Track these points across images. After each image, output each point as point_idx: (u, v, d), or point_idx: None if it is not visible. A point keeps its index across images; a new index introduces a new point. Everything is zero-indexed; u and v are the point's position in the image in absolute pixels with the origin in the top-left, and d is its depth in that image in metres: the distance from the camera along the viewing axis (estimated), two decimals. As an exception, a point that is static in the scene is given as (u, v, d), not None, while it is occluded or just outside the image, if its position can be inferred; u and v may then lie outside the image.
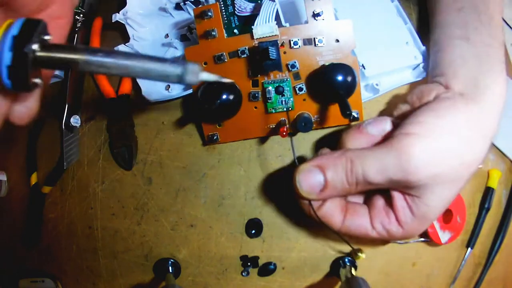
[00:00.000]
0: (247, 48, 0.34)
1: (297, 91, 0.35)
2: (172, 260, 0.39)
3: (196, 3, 0.37)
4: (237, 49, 0.34)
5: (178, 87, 0.38)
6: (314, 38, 0.34)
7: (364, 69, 0.37)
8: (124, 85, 0.40)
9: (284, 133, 0.34)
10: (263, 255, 0.40)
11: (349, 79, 0.33)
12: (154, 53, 0.39)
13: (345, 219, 0.32)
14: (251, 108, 0.36)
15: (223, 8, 0.36)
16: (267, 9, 0.33)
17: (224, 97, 0.33)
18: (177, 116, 0.40)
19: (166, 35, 0.39)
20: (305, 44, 0.34)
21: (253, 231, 0.39)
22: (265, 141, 0.39)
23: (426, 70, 0.38)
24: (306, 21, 0.34)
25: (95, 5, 0.42)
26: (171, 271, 0.39)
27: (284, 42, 0.34)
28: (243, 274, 0.40)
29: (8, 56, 0.21)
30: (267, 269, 0.39)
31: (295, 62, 0.34)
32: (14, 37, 0.21)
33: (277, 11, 0.33)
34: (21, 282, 0.41)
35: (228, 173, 0.39)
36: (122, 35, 0.41)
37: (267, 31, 0.33)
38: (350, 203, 0.33)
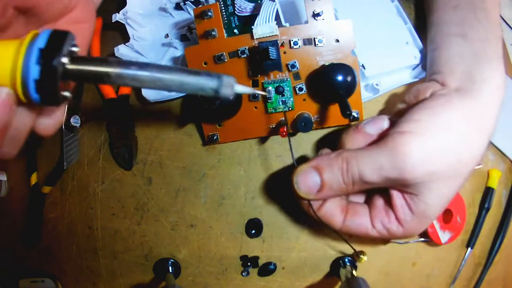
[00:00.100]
0: (247, 48, 0.34)
1: (297, 91, 0.35)
2: (172, 260, 0.39)
3: (196, 3, 0.37)
4: (237, 49, 0.34)
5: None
6: (314, 38, 0.34)
7: (364, 69, 0.37)
8: (124, 85, 0.40)
9: (284, 133, 0.34)
10: (263, 255, 0.40)
11: (349, 79, 0.33)
12: (154, 53, 0.39)
13: (345, 219, 0.32)
14: (251, 108, 0.36)
15: (223, 8, 0.36)
16: (267, 9, 0.33)
17: (224, 97, 0.33)
18: (177, 116, 0.40)
19: (166, 35, 0.39)
20: (305, 44, 0.34)
21: (253, 231, 0.39)
22: (265, 141, 0.39)
23: (424, 70, 0.38)
24: (306, 21, 0.34)
25: (95, 5, 0.42)
26: (171, 271, 0.39)
27: (284, 42, 0.34)
28: (243, 274, 0.40)
29: (35, 70, 0.20)
30: (267, 269, 0.39)
31: (295, 62, 0.34)
32: (41, 50, 0.20)
33: (277, 11, 0.33)
34: (21, 282, 0.41)
35: (228, 173, 0.39)
36: (122, 35, 0.41)
37: (267, 31, 0.33)
38: (351, 203, 0.33)
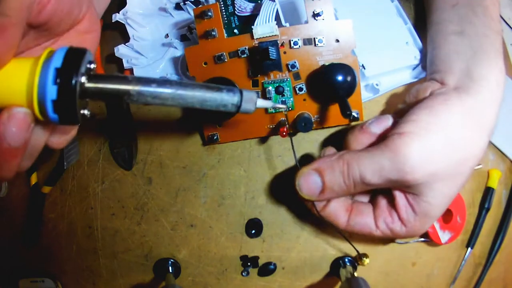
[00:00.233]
0: (247, 48, 0.34)
1: (297, 91, 0.35)
2: (172, 260, 0.39)
3: (196, 3, 0.37)
4: (237, 49, 0.34)
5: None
6: (314, 38, 0.34)
7: (364, 69, 0.37)
8: (124, 85, 0.40)
9: (284, 133, 0.34)
10: (263, 255, 0.40)
11: (349, 79, 0.32)
12: (154, 53, 0.39)
13: (349, 218, 0.32)
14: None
15: (223, 8, 0.36)
16: (267, 9, 0.33)
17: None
18: (177, 116, 0.40)
19: (166, 35, 0.39)
20: (305, 44, 0.34)
21: (253, 231, 0.39)
22: (265, 141, 0.39)
23: (424, 70, 0.38)
24: (306, 21, 0.34)
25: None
26: (171, 271, 0.39)
27: (284, 42, 0.34)
28: (243, 274, 0.40)
29: (52, 90, 0.20)
30: (267, 269, 0.39)
31: (295, 62, 0.34)
32: (57, 69, 0.20)
33: (277, 11, 0.33)
34: (21, 282, 0.41)
35: (228, 173, 0.39)
36: (122, 35, 0.41)
37: (267, 31, 0.33)
38: (355, 203, 0.33)
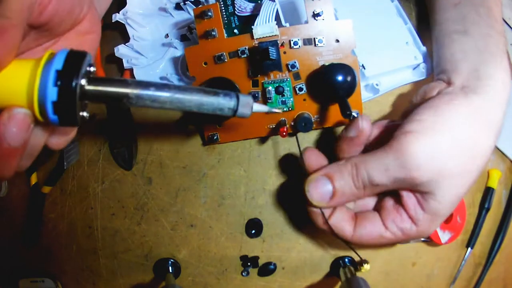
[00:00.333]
0: (247, 48, 0.34)
1: (297, 91, 0.35)
2: (172, 260, 0.39)
3: (196, 3, 0.37)
4: (237, 49, 0.34)
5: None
6: (314, 38, 0.34)
7: (364, 69, 0.37)
8: (124, 85, 0.40)
9: (284, 133, 0.34)
10: (263, 255, 0.40)
11: (349, 79, 0.32)
12: (154, 53, 0.39)
13: (355, 227, 0.31)
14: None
15: (223, 8, 0.36)
16: (267, 9, 0.33)
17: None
18: (177, 116, 0.40)
19: (166, 35, 0.39)
20: (305, 44, 0.34)
21: (253, 231, 0.39)
22: (265, 141, 0.39)
23: (426, 70, 0.38)
24: (306, 21, 0.34)
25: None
26: (171, 271, 0.39)
27: (284, 42, 0.34)
28: (243, 274, 0.40)
29: (53, 92, 0.20)
30: (267, 269, 0.39)
31: (295, 62, 0.34)
32: (58, 71, 0.20)
33: (277, 11, 0.33)
34: (21, 282, 0.41)
35: (228, 173, 0.39)
36: (122, 35, 0.41)
37: (267, 31, 0.33)
38: (359, 213, 0.33)
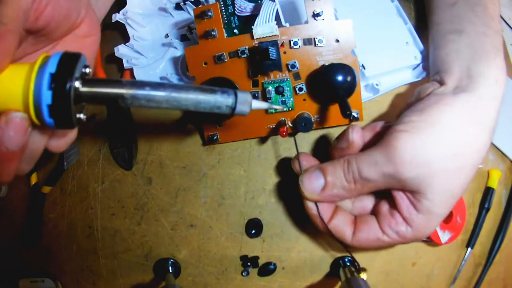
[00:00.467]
0: (247, 48, 0.34)
1: (297, 91, 0.35)
2: (172, 260, 0.39)
3: (196, 3, 0.37)
4: (237, 49, 0.34)
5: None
6: (314, 38, 0.34)
7: (364, 69, 0.37)
8: (124, 85, 0.40)
9: (284, 133, 0.34)
10: (263, 255, 0.40)
11: (349, 79, 0.32)
12: (154, 53, 0.39)
13: (355, 231, 0.32)
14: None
15: (223, 8, 0.36)
16: (267, 9, 0.33)
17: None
18: (177, 116, 0.40)
19: (166, 35, 0.39)
20: (305, 44, 0.34)
21: (253, 231, 0.39)
22: (265, 141, 0.39)
23: (425, 70, 0.38)
24: (306, 21, 0.34)
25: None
26: (171, 271, 0.39)
27: (284, 42, 0.34)
28: (243, 274, 0.40)
29: (47, 95, 0.20)
30: (267, 269, 0.39)
31: (295, 62, 0.34)
32: (52, 74, 0.20)
33: (277, 11, 0.33)
34: (21, 282, 0.41)
35: (228, 173, 0.39)
36: (122, 35, 0.41)
37: (267, 31, 0.33)
38: (359, 216, 0.33)
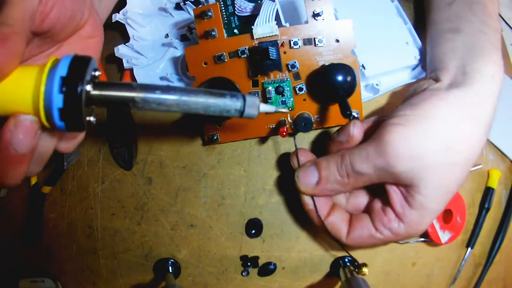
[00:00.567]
0: (247, 48, 0.34)
1: (297, 91, 0.35)
2: (172, 260, 0.39)
3: (196, 3, 0.37)
4: (237, 49, 0.34)
5: (178, 87, 0.38)
6: (314, 38, 0.34)
7: (364, 69, 0.37)
8: (124, 85, 0.40)
9: (284, 133, 0.34)
10: (263, 255, 0.40)
11: (349, 79, 0.32)
12: (154, 53, 0.39)
13: (350, 229, 0.32)
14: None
15: (223, 8, 0.36)
16: (267, 9, 0.33)
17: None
18: (177, 116, 0.40)
19: (166, 35, 0.39)
20: (305, 44, 0.34)
21: (253, 231, 0.39)
22: (265, 141, 0.39)
23: (424, 70, 0.38)
24: (306, 21, 0.34)
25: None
26: (171, 271, 0.39)
27: (284, 42, 0.34)
28: (243, 274, 0.40)
29: (58, 99, 0.20)
30: (267, 269, 0.39)
31: (295, 62, 0.34)
32: (63, 78, 0.20)
33: (277, 11, 0.33)
34: (21, 282, 0.41)
35: (228, 173, 0.39)
36: (122, 35, 0.41)
37: (267, 31, 0.33)
38: (354, 215, 0.33)
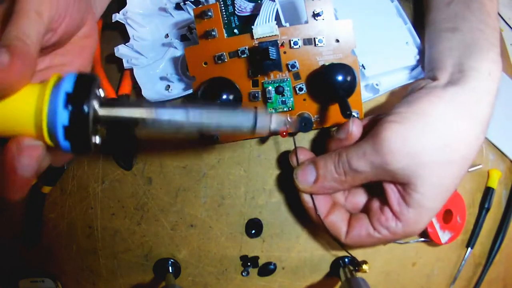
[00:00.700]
0: (247, 48, 0.34)
1: (297, 91, 0.35)
2: (172, 260, 0.39)
3: (196, 3, 0.37)
4: (237, 49, 0.34)
5: (178, 87, 0.38)
6: (314, 38, 0.34)
7: (364, 69, 0.37)
8: (124, 85, 0.40)
9: (284, 133, 0.34)
10: (263, 255, 0.40)
11: (349, 79, 0.32)
12: (154, 53, 0.39)
13: (349, 228, 0.32)
14: (251, 108, 0.36)
15: (223, 8, 0.36)
16: (267, 9, 0.33)
17: (224, 97, 0.33)
18: (177, 116, 0.40)
19: (166, 35, 0.39)
20: (305, 44, 0.34)
21: (253, 231, 0.39)
22: (265, 141, 0.39)
23: (424, 70, 0.38)
24: (306, 21, 0.34)
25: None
26: (171, 271, 0.39)
27: (284, 42, 0.34)
28: (243, 274, 0.40)
29: (64, 115, 0.19)
30: (267, 269, 0.39)
31: (295, 62, 0.34)
32: (68, 94, 0.19)
33: (277, 11, 0.33)
34: (21, 282, 0.41)
35: (228, 173, 0.39)
36: (122, 35, 0.41)
37: (267, 31, 0.33)
38: (353, 214, 0.33)
